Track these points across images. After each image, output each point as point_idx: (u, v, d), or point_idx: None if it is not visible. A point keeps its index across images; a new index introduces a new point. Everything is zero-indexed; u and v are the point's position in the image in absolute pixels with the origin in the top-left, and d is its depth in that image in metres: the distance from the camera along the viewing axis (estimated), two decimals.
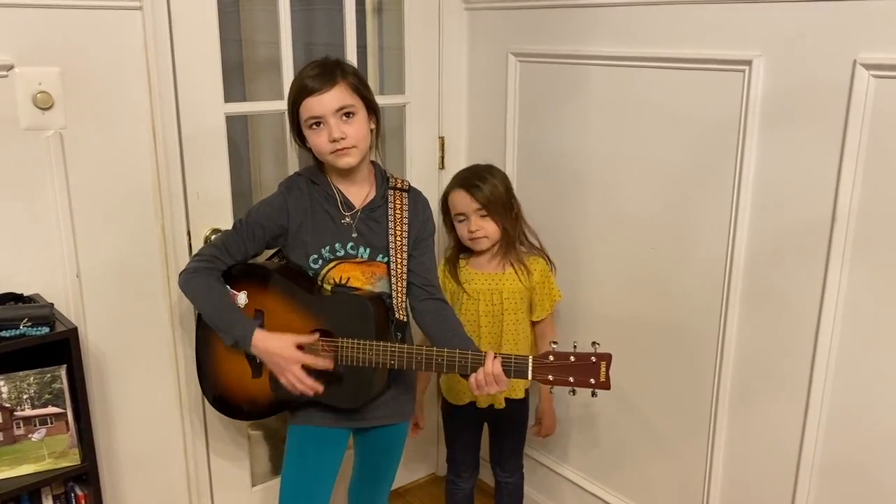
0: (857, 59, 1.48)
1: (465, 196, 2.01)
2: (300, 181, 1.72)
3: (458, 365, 1.59)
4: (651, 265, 1.97)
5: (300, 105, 1.61)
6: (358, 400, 1.69)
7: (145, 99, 1.84)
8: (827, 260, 1.60)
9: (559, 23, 2.06)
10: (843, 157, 1.53)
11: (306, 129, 1.63)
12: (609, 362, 1.55)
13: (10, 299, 1.70)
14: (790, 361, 1.71)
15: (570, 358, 1.56)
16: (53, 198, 1.77)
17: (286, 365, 1.63)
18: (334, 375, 1.66)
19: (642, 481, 2.14)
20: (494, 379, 1.56)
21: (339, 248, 1.69)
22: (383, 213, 1.72)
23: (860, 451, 1.63)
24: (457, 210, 2.03)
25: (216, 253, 1.69)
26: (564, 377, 1.56)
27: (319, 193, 1.70)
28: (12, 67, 1.66)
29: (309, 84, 1.59)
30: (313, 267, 1.70)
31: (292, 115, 1.65)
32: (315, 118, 1.60)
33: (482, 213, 2.00)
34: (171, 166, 1.90)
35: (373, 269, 1.72)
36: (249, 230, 1.69)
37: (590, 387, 1.56)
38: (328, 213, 1.69)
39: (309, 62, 1.66)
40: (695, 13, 1.74)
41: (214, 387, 1.82)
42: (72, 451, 1.71)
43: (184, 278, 1.69)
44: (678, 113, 1.82)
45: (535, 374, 1.57)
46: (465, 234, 2.03)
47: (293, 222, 1.69)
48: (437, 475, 2.72)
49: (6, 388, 1.63)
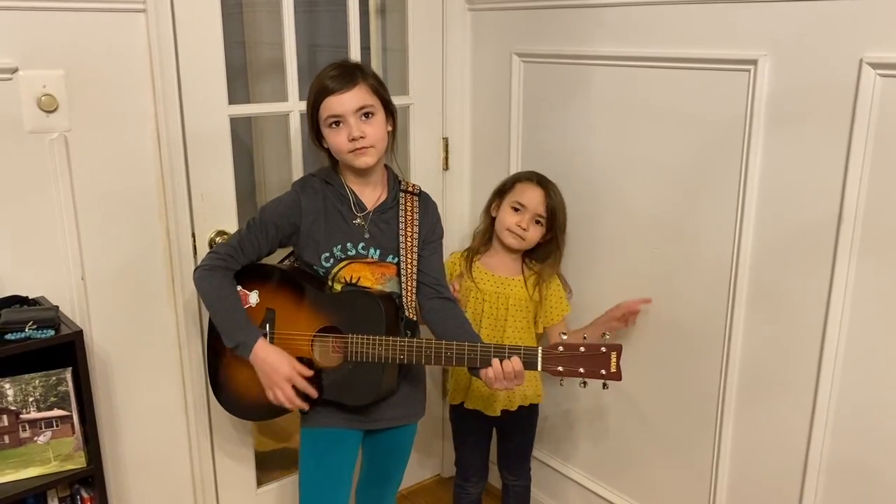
0: (864, 58, 1.47)
1: (539, 194, 2.00)
2: (314, 181, 1.73)
3: (468, 358, 1.60)
4: (656, 265, 1.96)
5: (321, 104, 1.63)
6: (367, 398, 1.69)
7: (149, 101, 1.85)
8: (833, 259, 1.59)
9: (563, 23, 2.05)
10: (850, 156, 1.53)
11: (326, 128, 1.65)
12: (619, 353, 1.55)
13: (15, 302, 1.70)
14: (797, 362, 1.70)
15: (581, 349, 1.55)
16: (58, 200, 1.77)
17: (279, 381, 1.65)
18: (342, 373, 1.67)
19: (648, 482, 2.13)
20: (514, 374, 1.57)
21: (350, 248, 1.71)
22: (394, 215, 1.74)
23: (868, 452, 1.63)
24: (522, 200, 2.01)
25: (231, 252, 1.70)
26: (574, 368, 1.56)
27: (333, 194, 1.72)
28: (17, 70, 1.66)
29: (330, 84, 1.61)
30: (325, 265, 1.71)
31: (312, 115, 1.67)
32: (335, 117, 1.62)
33: (539, 217, 2.00)
34: (176, 168, 1.90)
35: (383, 269, 1.73)
36: (263, 228, 1.70)
37: (600, 378, 1.56)
38: (341, 213, 1.71)
39: (329, 64, 1.68)
40: (700, 13, 1.73)
41: (225, 388, 1.82)
42: (77, 454, 1.71)
43: (199, 275, 1.70)
44: (683, 113, 1.82)
45: (545, 365, 1.57)
46: (513, 224, 2.01)
47: (306, 221, 1.70)
48: (443, 476, 2.72)
49: (12, 390, 1.63)
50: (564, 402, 2.26)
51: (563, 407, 2.31)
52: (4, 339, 1.59)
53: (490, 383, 1.60)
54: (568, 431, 2.32)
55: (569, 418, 2.30)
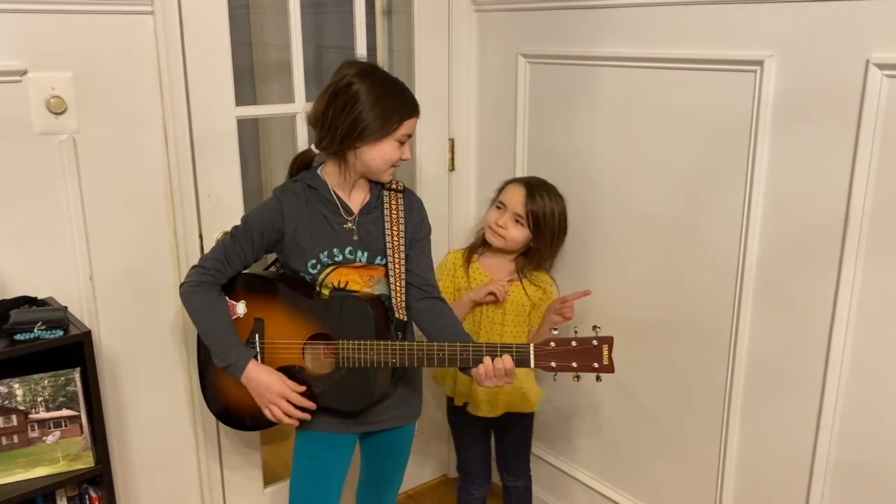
0: (870, 59, 1.47)
1: (521, 194, 2.01)
2: (296, 186, 1.71)
3: (460, 358, 1.60)
4: (663, 266, 1.96)
5: (406, 120, 1.66)
6: (361, 402, 1.69)
7: (157, 103, 1.86)
8: (840, 260, 1.59)
9: (569, 24, 2.06)
10: (857, 157, 1.52)
11: (393, 140, 1.65)
12: (611, 345, 1.55)
13: (24, 302, 1.71)
14: (803, 362, 1.70)
15: (572, 343, 1.56)
16: (66, 201, 1.78)
17: (273, 398, 1.66)
18: (335, 380, 1.66)
19: (654, 483, 2.13)
20: (504, 372, 1.58)
21: (337, 254, 1.69)
22: (379, 215, 1.73)
23: (875, 452, 1.62)
24: (504, 199, 2.04)
25: (217, 266, 1.68)
26: (567, 363, 1.57)
27: (316, 198, 1.70)
28: (26, 73, 1.67)
29: (413, 104, 1.69)
30: (311, 272, 1.69)
31: (383, 127, 1.63)
32: (409, 136, 1.69)
33: (518, 218, 2.01)
34: (183, 169, 1.91)
35: (371, 272, 1.72)
36: (247, 237, 1.69)
37: (593, 371, 1.56)
38: (326, 218, 1.69)
39: (383, 78, 1.67)
40: (706, 13, 1.73)
41: (219, 400, 1.81)
42: (85, 454, 1.72)
43: (186, 291, 1.68)
44: (689, 114, 1.82)
45: (538, 361, 1.57)
46: (493, 221, 2.03)
47: (289, 227, 1.68)
48: (449, 477, 2.72)
49: (21, 390, 1.64)
50: (570, 403, 2.26)
51: (568, 407, 2.31)
52: (14, 339, 1.60)
53: (480, 380, 1.61)
54: (573, 432, 2.32)
55: (574, 418, 2.30)
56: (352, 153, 1.66)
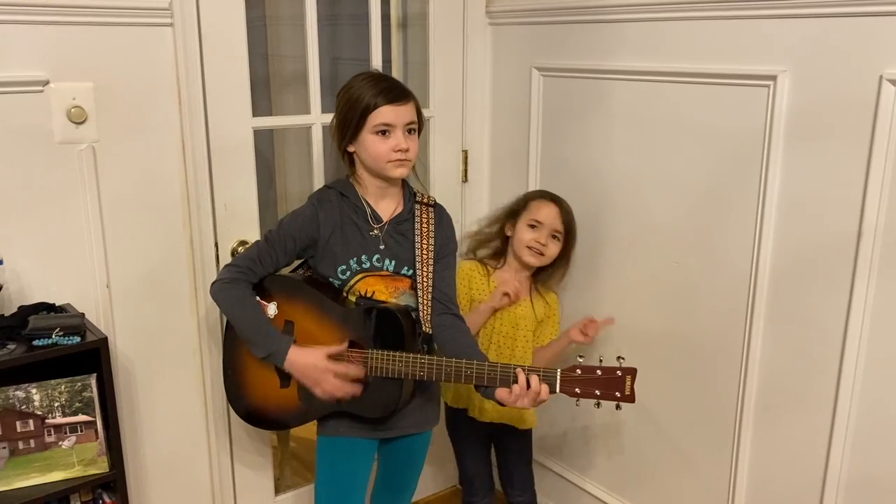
0: (884, 75, 1.47)
1: (555, 210, 2.03)
2: (331, 193, 1.75)
3: (488, 377, 1.60)
4: (675, 280, 1.96)
5: (374, 110, 1.64)
6: (386, 410, 1.70)
7: (175, 113, 1.88)
8: (853, 275, 1.58)
9: (583, 37, 2.07)
10: (870, 172, 1.52)
11: (371, 134, 1.66)
12: (634, 376, 1.56)
13: (42, 309, 1.73)
14: (816, 377, 1.69)
15: (597, 372, 1.57)
16: (85, 210, 1.80)
17: (320, 376, 1.66)
18: (363, 386, 1.68)
19: (665, 497, 2.12)
20: (537, 392, 1.57)
21: (365, 260, 1.72)
22: (410, 227, 1.75)
23: (888, 468, 1.61)
24: (538, 218, 2.03)
25: (250, 265, 1.71)
26: (591, 390, 1.58)
27: (348, 206, 1.73)
28: (47, 83, 1.70)
29: (387, 94, 1.65)
30: (341, 278, 1.72)
31: (356, 121, 1.66)
32: (387, 125, 1.65)
33: (557, 233, 2.03)
34: (200, 179, 1.93)
35: (396, 283, 1.74)
36: (281, 242, 1.72)
37: (615, 400, 1.57)
38: (356, 224, 1.72)
39: (368, 75, 1.70)
40: (719, 28, 1.74)
41: (244, 399, 1.83)
42: (100, 459, 1.74)
43: (218, 288, 1.71)
44: (703, 128, 1.82)
45: (563, 386, 1.58)
46: (531, 240, 2.03)
47: (323, 234, 1.71)
48: (459, 488, 2.72)
49: (38, 395, 1.66)
50: (581, 416, 2.25)
51: (579, 420, 2.30)
52: (32, 345, 1.62)
53: (510, 401, 1.60)
54: (585, 445, 2.32)
55: (585, 432, 2.30)
56: (354, 154, 1.71)
